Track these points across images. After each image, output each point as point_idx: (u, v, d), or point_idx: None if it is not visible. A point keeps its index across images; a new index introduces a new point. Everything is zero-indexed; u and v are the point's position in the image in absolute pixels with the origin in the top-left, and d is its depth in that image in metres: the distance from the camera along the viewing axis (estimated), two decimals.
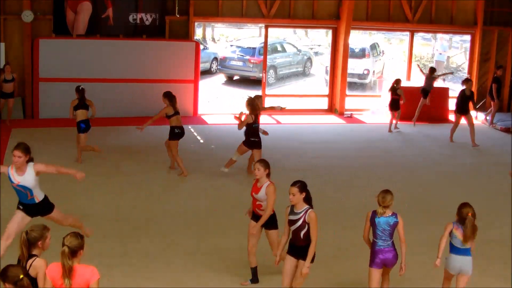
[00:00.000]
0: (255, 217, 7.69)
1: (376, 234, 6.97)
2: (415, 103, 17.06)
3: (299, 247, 6.75)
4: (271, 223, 7.61)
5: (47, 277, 5.33)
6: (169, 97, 11.87)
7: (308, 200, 6.76)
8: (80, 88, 12.27)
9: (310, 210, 6.69)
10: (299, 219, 6.68)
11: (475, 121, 18.21)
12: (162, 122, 15.97)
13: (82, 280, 5.24)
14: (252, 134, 11.60)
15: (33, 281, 5.44)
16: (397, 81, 16.31)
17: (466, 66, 20.40)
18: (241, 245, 8.99)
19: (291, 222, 6.76)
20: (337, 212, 10.56)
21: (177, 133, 11.97)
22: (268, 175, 7.52)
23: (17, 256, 5.56)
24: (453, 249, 7.02)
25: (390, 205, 6.97)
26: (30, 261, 5.45)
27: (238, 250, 8.75)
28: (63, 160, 12.70)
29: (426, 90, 17.04)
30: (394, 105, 16.22)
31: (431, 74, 17.18)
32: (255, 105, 11.51)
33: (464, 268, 7.03)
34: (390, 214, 6.97)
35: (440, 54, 25.26)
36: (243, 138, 11.76)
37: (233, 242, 9.05)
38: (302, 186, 6.71)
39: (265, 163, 7.53)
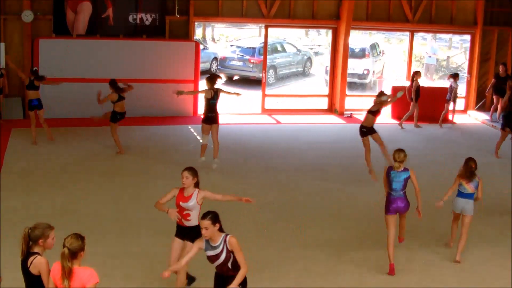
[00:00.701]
0: (179, 229, 7.20)
1: (391, 186, 8.26)
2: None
3: (230, 277, 6.01)
4: (197, 235, 6.84)
5: (50, 276, 5.35)
6: (112, 85, 12.88)
7: (222, 229, 6.04)
8: (34, 69, 14.09)
9: (229, 236, 5.96)
10: (220, 252, 5.96)
11: (475, 121, 18.27)
12: (161, 122, 16.01)
13: (80, 282, 5.25)
14: (209, 110, 11.85)
15: (35, 279, 5.46)
16: (415, 73, 16.71)
17: (466, 66, 20.39)
18: (242, 245, 8.99)
19: (212, 259, 6.02)
20: (337, 212, 10.55)
21: (118, 118, 12.96)
22: (196, 184, 7.06)
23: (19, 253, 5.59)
24: (459, 194, 8.74)
25: (404, 160, 8.25)
26: (31, 259, 5.47)
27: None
28: (62, 159, 12.72)
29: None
30: (409, 96, 16.61)
31: (455, 80, 17.29)
32: (214, 81, 11.80)
33: (466, 208, 8.67)
34: (403, 169, 8.26)
35: (430, 57, 25.10)
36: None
37: None
38: (214, 217, 5.94)
39: (194, 171, 7.06)
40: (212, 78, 11.92)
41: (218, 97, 11.90)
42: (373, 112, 11.96)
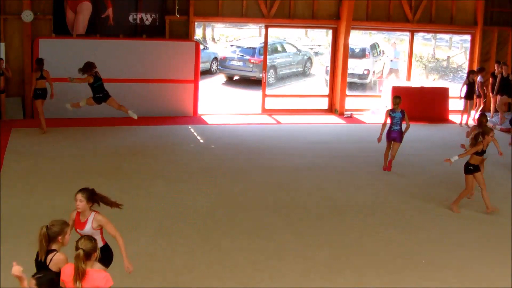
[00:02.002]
0: None
1: (392, 122, 12.41)
2: (415, 103, 17.10)
3: None
4: (106, 258, 6.56)
5: (61, 280, 5.34)
6: (37, 62, 14.35)
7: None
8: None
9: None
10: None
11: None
12: (161, 122, 16.02)
13: (93, 285, 5.25)
14: (95, 91, 13.55)
15: (55, 276, 5.47)
16: (471, 72, 17.23)
17: (466, 66, 20.38)
18: (242, 245, 9.00)
19: None
20: (336, 212, 10.55)
21: (39, 94, 14.29)
22: (91, 207, 6.48)
23: (33, 252, 5.61)
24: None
25: (399, 103, 12.33)
26: (50, 256, 5.49)
27: (239, 250, 8.76)
28: (62, 159, 12.72)
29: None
30: (467, 95, 17.08)
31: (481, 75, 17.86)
32: (88, 68, 13.26)
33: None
34: (400, 111, 12.35)
35: (391, 61, 24.70)
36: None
37: (234, 242, 9.05)
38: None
39: (88, 193, 6.41)
40: (89, 66, 13.28)
41: (101, 78, 13.62)
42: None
